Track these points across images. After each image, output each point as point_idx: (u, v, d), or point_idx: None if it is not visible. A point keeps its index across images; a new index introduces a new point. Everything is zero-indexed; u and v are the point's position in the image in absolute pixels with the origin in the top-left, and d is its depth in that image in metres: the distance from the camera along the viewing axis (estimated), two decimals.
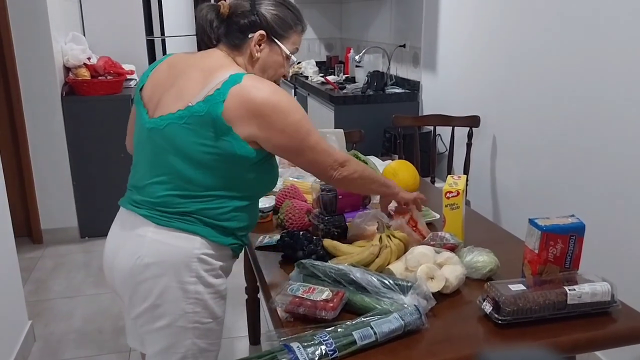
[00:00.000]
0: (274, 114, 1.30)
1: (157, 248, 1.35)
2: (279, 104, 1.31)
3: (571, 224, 1.30)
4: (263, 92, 1.29)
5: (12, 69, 3.37)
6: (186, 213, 1.34)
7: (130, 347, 2.56)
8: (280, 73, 1.46)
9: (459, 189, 1.54)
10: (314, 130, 1.36)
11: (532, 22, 2.58)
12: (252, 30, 1.37)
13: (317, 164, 1.40)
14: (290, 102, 1.34)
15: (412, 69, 3.88)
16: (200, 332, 1.39)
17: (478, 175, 3.07)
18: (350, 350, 1.09)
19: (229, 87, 1.27)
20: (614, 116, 2.12)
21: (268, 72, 1.43)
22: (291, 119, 1.32)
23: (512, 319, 1.17)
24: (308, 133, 1.35)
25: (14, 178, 3.50)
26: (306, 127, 1.35)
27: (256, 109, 1.28)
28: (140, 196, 1.41)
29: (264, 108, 1.29)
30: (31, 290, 3.07)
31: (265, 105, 1.29)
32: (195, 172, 1.33)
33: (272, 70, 1.44)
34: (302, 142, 1.35)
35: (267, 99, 1.29)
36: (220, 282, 1.40)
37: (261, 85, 1.31)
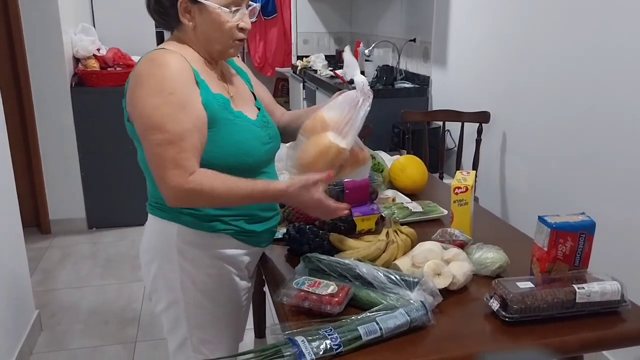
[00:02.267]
0: (141, 88, 1.22)
1: (147, 236, 1.41)
2: (147, 76, 1.22)
3: (581, 222, 1.28)
4: (146, 64, 1.23)
5: (22, 59, 3.38)
6: (159, 198, 1.32)
7: (136, 338, 2.57)
8: (226, 33, 1.30)
9: (467, 185, 1.52)
10: (167, 128, 1.18)
11: (544, 19, 2.55)
12: (175, 1, 1.27)
13: (154, 171, 1.23)
14: (163, 82, 1.20)
15: (422, 64, 3.86)
16: (197, 322, 1.39)
17: (487, 171, 3.05)
18: (355, 345, 1.08)
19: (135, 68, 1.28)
20: (626, 114, 2.09)
21: (213, 39, 1.31)
22: (149, 100, 1.20)
23: (519, 317, 1.16)
24: (157, 129, 1.19)
25: (23, 168, 3.52)
26: (159, 120, 1.19)
27: (136, 81, 1.23)
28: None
29: (134, 77, 1.23)
30: (38, 280, 3.08)
31: (137, 75, 1.23)
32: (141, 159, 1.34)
33: (217, 34, 1.30)
34: (144, 132, 1.22)
35: (141, 69, 1.23)
36: (214, 272, 1.38)
37: (152, 58, 1.24)
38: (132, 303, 2.87)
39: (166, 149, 1.19)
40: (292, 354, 1.03)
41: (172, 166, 1.19)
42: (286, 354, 1.03)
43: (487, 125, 2.98)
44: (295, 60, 5.18)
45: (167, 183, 1.20)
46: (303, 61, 4.87)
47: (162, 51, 1.26)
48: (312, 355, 1.03)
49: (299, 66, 4.85)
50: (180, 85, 1.22)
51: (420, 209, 1.74)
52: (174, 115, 1.19)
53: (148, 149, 1.23)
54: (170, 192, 1.21)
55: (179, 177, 1.19)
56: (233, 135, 1.30)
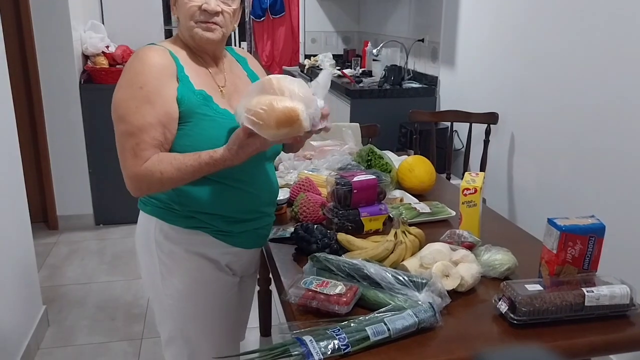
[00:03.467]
0: (120, 79, 1.30)
1: (136, 230, 1.46)
2: (127, 69, 1.29)
3: (591, 225, 1.28)
4: (131, 59, 1.30)
5: (31, 56, 3.40)
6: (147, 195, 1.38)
7: (142, 335, 2.58)
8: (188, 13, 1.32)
9: (476, 187, 1.52)
10: (129, 120, 1.26)
11: (553, 20, 2.54)
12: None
13: (119, 159, 1.31)
14: (137, 76, 1.27)
15: (430, 64, 3.85)
16: (181, 315, 1.41)
17: (495, 172, 3.04)
18: (363, 346, 1.08)
19: None
20: (636, 116, 2.08)
21: (183, 25, 1.36)
22: (121, 91, 1.29)
23: (527, 320, 1.16)
24: (121, 120, 1.28)
25: (31, 165, 3.54)
26: (124, 112, 1.27)
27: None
28: None
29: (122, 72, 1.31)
30: (46, 276, 3.10)
31: (123, 70, 1.31)
32: None
33: (183, 19, 1.35)
34: (114, 121, 1.30)
35: (126, 65, 1.31)
36: (191, 267, 1.39)
37: (137, 52, 1.31)
38: (139, 299, 2.88)
39: (127, 140, 1.26)
40: (300, 353, 1.03)
41: (131, 156, 1.26)
42: (294, 353, 1.03)
43: (496, 126, 2.97)
44: (303, 59, 5.18)
45: (126, 171, 1.28)
46: (311, 60, 4.87)
47: (149, 46, 1.32)
48: (320, 355, 1.03)
49: (306, 65, 4.85)
50: (151, 79, 1.26)
51: (428, 210, 1.74)
52: (139, 108, 1.25)
53: (116, 138, 1.30)
54: (129, 181, 1.28)
55: (135, 166, 1.26)
56: (209, 130, 1.31)
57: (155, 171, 1.25)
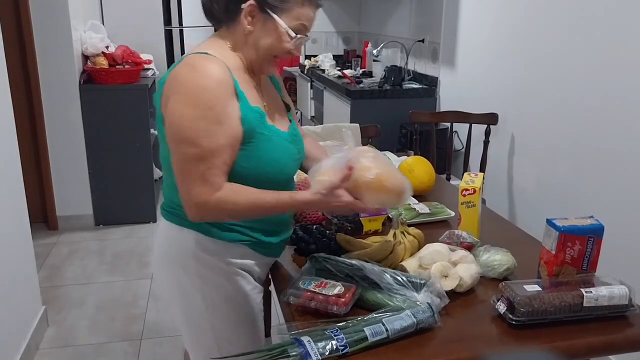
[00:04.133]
0: (177, 95, 1.16)
1: (161, 243, 1.37)
2: (187, 86, 1.15)
3: (590, 225, 1.28)
4: (187, 70, 1.17)
5: (31, 56, 3.40)
6: (178, 205, 1.26)
7: (142, 335, 2.57)
8: (277, 51, 1.27)
9: (475, 187, 1.52)
10: (199, 143, 1.14)
11: (554, 21, 2.54)
12: (244, 1, 1.22)
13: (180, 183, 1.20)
14: (203, 93, 1.15)
15: (431, 65, 3.85)
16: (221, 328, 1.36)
17: (495, 173, 3.04)
18: (361, 346, 1.07)
19: (172, 68, 1.20)
20: (634, 118, 2.07)
21: (261, 49, 1.26)
22: (186, 111, 1.15)
23: (526, 320, 1.16)
24: (189, 143, 1.15)
25: (31, 165, 3.54)
26: (193, 134, 1.14)
27: (173, 86, 1.17)
28: (164, 185, 1.41)
29: (174, 83, 1.17)
30: (45, 276, 3.10)
31: (177, 81, 1.17)
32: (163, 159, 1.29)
33: (267, 47, 1.26)
34: (175, 142, 1.17)
35: (183, 75, 1.16)
36: (230, 277, 1.34)
37: (193, 64, 1.18)
38: (139, 300, 2.88)
39: (196, 165, 1.15)
40: (298, 353, 1.03)
41: (200, 182, 1.16)
42: (292, 353, 1.03)
43: (496, 127, 2.97)
44: (303, 60, 5.18)
45: (192, 199, 1.17)
46: (311, 60, 4.87)
47: (204, 57, 1.20)
48: (318, 355, 1.03)
49: (306, 65, 4.85)
50: (219, 98, 1.17)
51: (427, 210, 1.74)
52: (209, 130, 1.15)
53: (177, 161, 1.18)
54: (194, 209, 1.19)
55: (205, 194, 1.16)
56: (269, 152, 1.25)
57: (228, 202, 1.18)
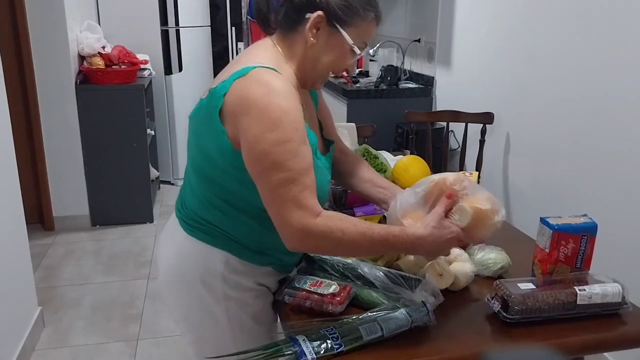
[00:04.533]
0: (254, 118, 1.07)
1: (178, 257, 1.29)
2: (267, 109, 1.07)
3: (583, 224, 1.28)
4: (261, 89, 1.08)
5: (27, 56, 3.39)
6: (209, 223, 1.23)
7: (138, 335, 2.57)
8: (338, 68, 1.23)
9: None
10: (290, 166, 1.08)
11: (549, 20, 2.55)
12: (309, 10, 1.16)
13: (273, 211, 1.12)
14: (286, 115, 1.08)
15: (427, 64, 3.85)
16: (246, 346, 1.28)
17: (490, 172, 3.05)
18: (356, 345, 1.08)
19: (234, 79, 1.11)
20: (631, 117, 2.08)
21: (321, 64, 1.20)
22: (268, 135, 1.07)
23: (520, 318, 1.16)
24: (280, 167, 1.07)
25: (27, 165, 3.53)
26: (282, 157, 1.07)
27: (244, 107, 1.09)
28: (183, 196, 1.33)
29: (251, 107, 1.08)
30: (42, 277, 3.10)
31: (253, 104, 1.08)
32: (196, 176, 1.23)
33: (327, 62, 1.20)
34: (260, 170, 1.10)
35: (259, 97, 1.08)
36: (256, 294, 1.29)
37: (266, 81, 1.09)
38: (135, 300, 2.88)
39: (288, 189, 1.08)
40: (293, 352, 1.03)
41: (296, 207, 1.09)
42: (287, 352, 1.04)
43: (491, 126, 2.98)
44: None
45: (292, 225, 1.09)
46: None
47: (272, 74, 1.12)
48: (313, 354, 1.03)
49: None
50: (300, 118, 1.11)
51: None
52: (297, 151, 1.08)
53: (264, 187, 1.11)
54: (295, 236, 1.11)
55: (305, 217, 1.09)
56: (318, 176, 1.15)
57: (335, 229, 1.10)
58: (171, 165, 4.60)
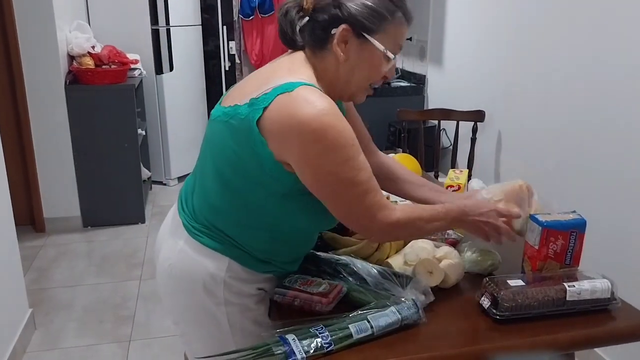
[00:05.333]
0: (310, 141, 1.06)
1: (182, 262, 1.27)
2: (323, 131, 1.06)
3: (572, 220, 1.29)
4: (311, 109, 1.05)
5: (15, 57, 3.37)
6: (216, 229, 1.22)
7: (130, 337, 2.56)
8: (375, 78, 1.21)
9: (460, 183, 1.53)
10: (359, 180, 1.11)
11: (540, 18, 2.55)
12: (335, 26, 1.13)
13: (355, 220, 1.18)
14: (341, 133, 1.07)
15: (419, 63, 3.86)
16: None
17: (482, 170, 3.05)
18: (346, 344, 1.08)
19: (277, 93, 1.08)
20: (619, 114, 2.09)
21: (357, 77, 1.19)
22: (331, 156, 1.08)
23: (510, 315, 1.16)
24: (350, 183, 1.11)
25: (17, 166, 3.51)
26: (349, 174, 1.10)
27: (295, 127, 1.06)
28: (188, 198, 1.31)
29: (304, 129, 1.05)
30: (32, 279, 3.08)
31: (307, 126, 1.05)
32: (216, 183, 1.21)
33: (363, 75, 1.19)
34: (331, 193, 1.13)
35: (311, 119, 1.05)
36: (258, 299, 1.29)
37: (314, 101, 1.06)
38: (127, 301, 2.86)
39: (364, 198, 1.13)
40: (283, 352, 1.03)
41: (377, 209, 1.14)
42: (277, 352, 1.03)
43: (482, 124, 2.98)
44: None
45: (380, 226, 1.16)
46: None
47: (316, 91, 1.10)
48: (303, 353, 1.03)
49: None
50: (352, 131, 1.11)
51: None
52: (359, 165, 1.11)
53: (340, 205, 1.14)
54: (385, 233, 1.21)
55: (389, 214, 1.15)
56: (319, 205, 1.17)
57: (415, 218, 1.20)
58: (163, 166, 4.58)
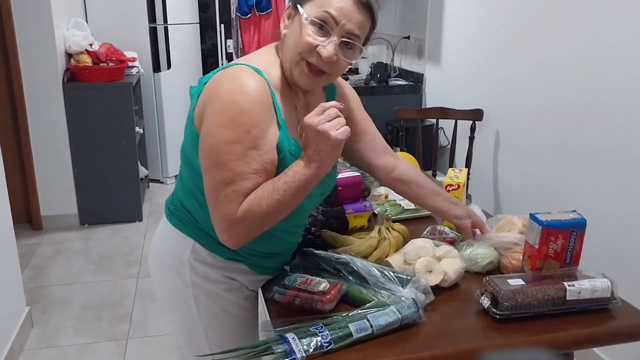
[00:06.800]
0: (214, 112, 1.09)
1: (160, 242, 1.35)
2: (229, 105, 1.08)
3: (572, 220, 1.29)
4: (230, 84, 1.09)
5: (13, 54, 3.36)
6: (185, 210, 1.26)
7: (127, 335, 2.56)
8: (300, 46, 1.13)
9: (459, 182, 1.52)
10: (232, 167, 1.08)
11: (537, 17, 2.55)
12: None
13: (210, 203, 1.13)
14: (244, 116, 1.07)
15: (416, 61, 3.86)
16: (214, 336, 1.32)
17: (480, 169, 3.05)
18: (346, 343, 1.07)
19: (218, 70, 1.14)
20: (618, 113, 2.09)
21: (289, 51, 1.16)
22: (221, 131, 1.08)
23: (510, 314, 1.16)
24: (223, 166, 1.08)
25: (14, 164, 3.50)
26: (228, 157, 1.07)
27: (211, 96, 1.11)
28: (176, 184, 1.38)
29: (215, 99, 1.09)
30: (30, 277, 3.07)
31: (218, 97, 1.09)
32: (182, 162, 1.27)
33: (291, 47, 1.15)
34: (207, 162, 1.11)
35: (225, 92, 1.09)
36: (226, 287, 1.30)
37: (239, 78, 1.10)
38: (124, 299, 2.86)
39: (223, 187, 1.09)
40: (283, 351, 1.03)
41: (227, 203, 1.09)
42: (277, 350, 1.03)
43: (481, 123, 2.98)
44: None
45: (224, 221, 1.11)
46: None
47: (247, 71, 1.11)
48: (303, 352, 1.03)
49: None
50: (258, 121, 1.09)
51: (412, 206, 1.74)
52: (244, 154, 1.08)
53: (207, 180, 1.13)
54: (226, 232, 1.12)
55: (230, 211, 1.09)
56: None
57: (254, 205, 1.09)
58: (160, 164, 4.57)
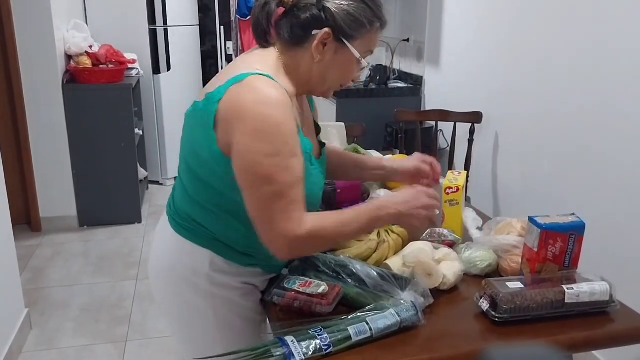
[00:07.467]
0: (245, 127, 1.07)
1: (167, 254, 1.30)
2: (262, 118, 1.06)
3: (571, 223, 1.29)
4: (256, 96, 1.07)
5: (13, 56, 3.36)
6: (196, 222, 1.24)
7: (127, 337, 2.55)
8: (346, 80, 1.23)
9: (458, 185, 1.52)
10: (279, 179, 1.08)
11: (536, 19, 2.56)
12: (316, 27, 1.15)
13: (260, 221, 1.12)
14: (279, 127, 1.07)
15: (416, 64, 3.86)
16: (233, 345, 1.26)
17: (479, 171, 3.06)
18: (345, 346, 1.07)
19: (230, 84, 1.10)
20: (617, 116, 2.10)
21: (330, 78, 1.21)
22: (258, 146, 1.07)
23: (509, 317, 1.16)
24: (269, 180, 1.08)
25: (14, 165, 3.50)
26: (272, 170, 1.07)
27: (238, 112, 1.08)
28: (174, 193, 1.33)
29: (245, 114, 1.07)
30: (29, 278, 3.06)
31: (248, 111, 1.07)
32: (188, 176, 1.23)
33: (336, 76, 1.21)
34: (250, 181, 1.10)
35: (254, 105, 1.07)
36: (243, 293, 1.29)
37: (262, 89, 1.08)
38: (123, 301, 2.86)
39: (276, 201, 1.09)
40: (282, 354, 1.03)
41: (285, 219, 1.09)
42: (276, 353, 1.03)
43: (480, 125, 2.99)
44: None
45: (282, 237, 1.10)
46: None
47: (268, 82, 1.10)
48: (302, 355, 1.03)
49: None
50: (292, 130, 1.10)
51: None
52: (286, 165, 1.08)
53: (251, 196, 1.11)
54: (287, 247, 1.12)
55: (294, 229, 1.10)
56: (310, 187, 1.17)
57: (319, 229, 1.12)
58: (160, 165, 4.57)
